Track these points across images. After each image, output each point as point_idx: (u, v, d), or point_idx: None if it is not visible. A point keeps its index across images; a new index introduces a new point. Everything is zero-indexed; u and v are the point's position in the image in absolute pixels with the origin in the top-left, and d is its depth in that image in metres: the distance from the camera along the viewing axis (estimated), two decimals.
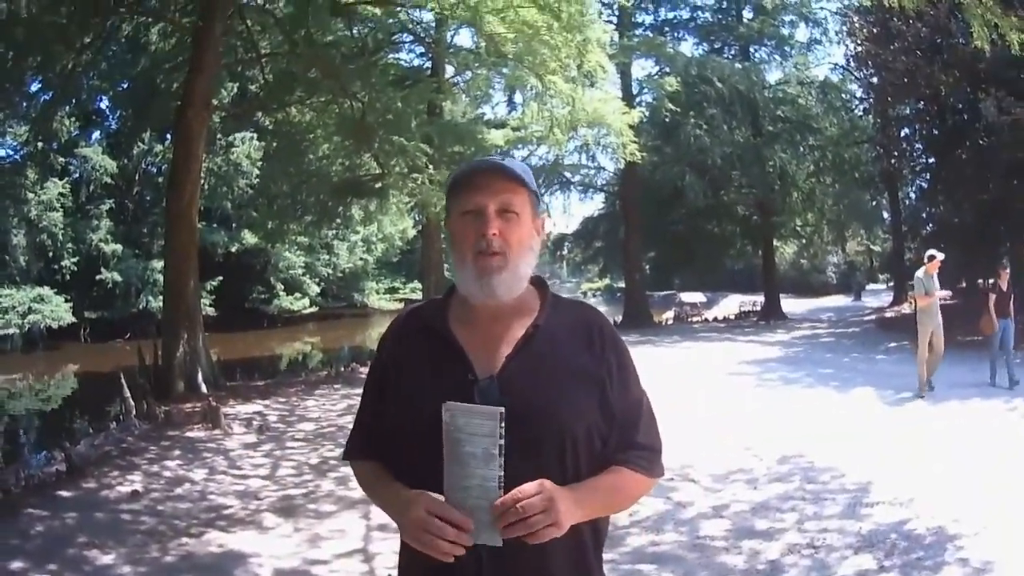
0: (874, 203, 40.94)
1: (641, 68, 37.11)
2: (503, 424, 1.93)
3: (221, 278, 42.44)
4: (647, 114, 33.02)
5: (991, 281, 15.29)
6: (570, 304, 2.43)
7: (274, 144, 26.83)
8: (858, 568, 6.29)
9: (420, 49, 29.10)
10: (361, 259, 58.35)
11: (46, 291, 38.41)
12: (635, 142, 24.14)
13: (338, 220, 32.58)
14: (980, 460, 9.26)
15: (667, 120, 33.28)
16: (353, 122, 20.79)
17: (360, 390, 2.40)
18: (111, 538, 7.42)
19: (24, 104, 22.08)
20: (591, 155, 36.67)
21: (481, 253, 2.19)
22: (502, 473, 1.94)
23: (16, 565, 6.65)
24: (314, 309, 53.62)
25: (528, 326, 2.26)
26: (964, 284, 28.42)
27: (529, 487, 1.97)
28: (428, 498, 2.00)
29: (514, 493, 1.95)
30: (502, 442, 1.93)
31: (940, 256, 13.89)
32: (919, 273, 14.03)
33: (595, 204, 46.70)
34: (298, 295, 51.19)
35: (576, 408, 2.17)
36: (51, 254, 39.89)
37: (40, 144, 25.44)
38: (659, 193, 36.79)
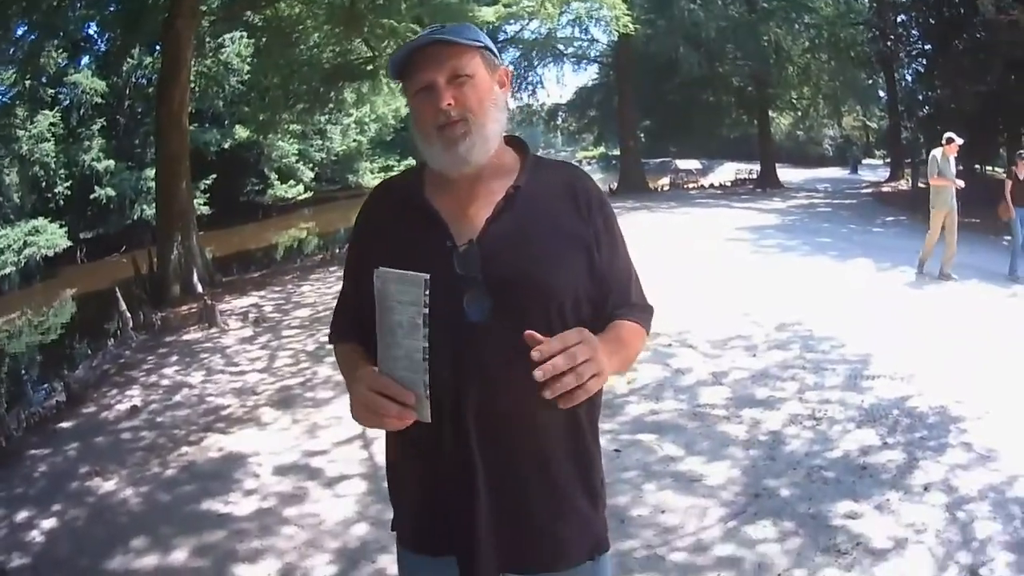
0: (870, 82, 40.29)
1: None
2: (428, 292, 1.80)
3: (215, 176, 42.22)
4: None
5: (1008, 168, 15.11)
6: (553, 164, 2.33)
7: (264, 39, 26.37)
8: (861, 443, 6.35)
9: None
10: (355, 141, 57.34)
11: (40, 222, 37.47)
12: (628, 15, 23.96)
13: (330, 105, 32.31)
14: (978, 342, 9.23)
15: None
16: (343, 10, 20.54)
17: None
18: (112, 461, 7.37)
19: (12, 50, 21.59)
20: (584, 28, 36.15)
21: (442, 127, 2.09)
22: (427, 344, 1.82)
23: (22, 515, 6.45)
24: (308, 195, 52.96)
25: (508, 188, 2.16)
26: (961, 167, 28.50)
27: (570, 335, 1.85)
28: (372, 374, 1.92)
29: (556, 341, 1.82)
30: (426, 311, 1.80)
31: (959, 140, 13.60)
32: (935, 153, 13.70)
33: (589, 75, 46.67)
34: (292, 182, 50.54)
35: (563, 272, 2.10)
36: (44, 184, 39.28)
37: (28, 82, 24.92)
38: (653, 63, 36.68)
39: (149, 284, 16.95)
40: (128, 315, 14.20)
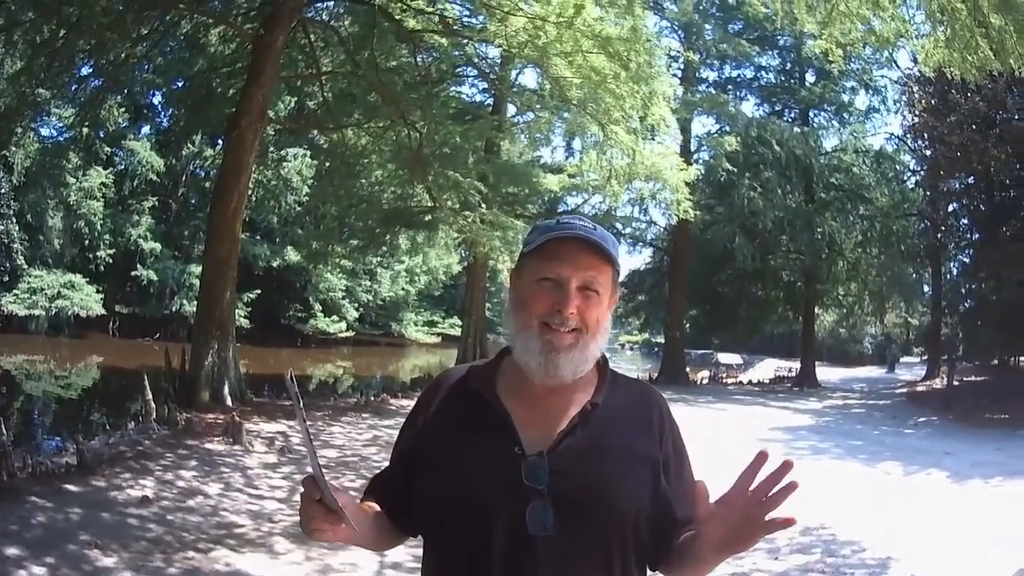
0: (915, 276, 40.82)
1: (701, 125, 37.29)
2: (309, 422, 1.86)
3: (259, 291, 42.73)
4: (703, 171, 32.81)
5: None
6: (629, 382, 2.32)
7: (327, 164, 26.77)
8: None
9: (483, 85, 29.26)
10: (403, 289, 58.38)
11: (78, 278, 39.07)
12: (689, 199, 24.01)
13: (384, 248, 32.70)
14: (996, 541, 9.13)
15: (722, 179, 33.33)
16: (409, 151, 20.78)
17: (389, 422, 2.36)
18: (115, 541, 7.38)
19: (73, 87, 22.00)
20: (644, 208, 36.74)
21: (551, 327, 2.06)
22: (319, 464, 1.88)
23: (12, 551, 6.64)
24: (350, 334, 53.91)
25: (585, 403, 2.13)
26: (997, 362, 28.26)
27: None
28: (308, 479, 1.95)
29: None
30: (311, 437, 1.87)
31: None
32: None
33: (642, 258, 46.61)
34: (335, 318, 51.56)
35: (629, 495, 2.07)
36: (87, 242, 40.44)
37: (86, 130, 25.20)
38: (708, 252, 36.96)
39: (178, 382, 16.85)
40: (153, 405, 14.29)
